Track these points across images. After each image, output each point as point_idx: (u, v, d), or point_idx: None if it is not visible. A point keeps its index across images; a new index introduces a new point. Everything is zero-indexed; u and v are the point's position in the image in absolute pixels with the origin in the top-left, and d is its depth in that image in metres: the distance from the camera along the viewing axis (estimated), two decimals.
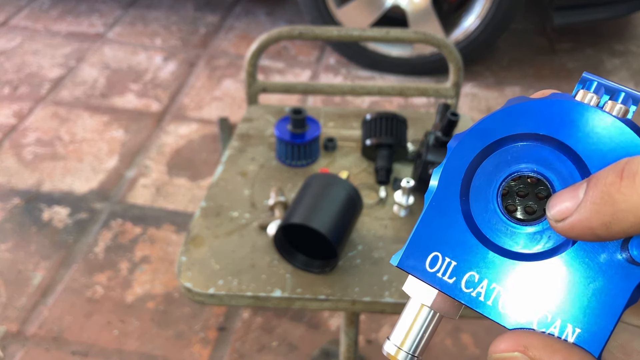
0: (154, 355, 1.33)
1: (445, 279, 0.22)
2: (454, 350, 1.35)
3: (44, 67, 2.24)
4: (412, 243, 0.23)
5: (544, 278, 0.21)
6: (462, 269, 0.22)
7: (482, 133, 0.23)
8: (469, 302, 0.22)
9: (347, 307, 0.81)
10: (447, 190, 0.23)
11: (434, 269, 0.22)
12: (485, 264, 0.22)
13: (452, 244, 0.22)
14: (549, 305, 0.20)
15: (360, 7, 2.14)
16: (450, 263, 0.22)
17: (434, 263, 0.22)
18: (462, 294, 0.22)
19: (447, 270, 0.22)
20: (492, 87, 2.22)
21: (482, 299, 0.21)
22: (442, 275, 0.22)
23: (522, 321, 0.21)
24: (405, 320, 0.23)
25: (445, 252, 0.22)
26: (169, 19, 2.56)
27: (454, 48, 1.12)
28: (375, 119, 1.02)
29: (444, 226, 0.22)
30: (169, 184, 1.75)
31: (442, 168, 0.23)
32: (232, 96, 2.12)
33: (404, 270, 0.23)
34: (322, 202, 0.83)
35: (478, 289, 0.22)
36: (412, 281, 0.23)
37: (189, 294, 0.82)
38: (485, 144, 0.23)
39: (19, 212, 1.65)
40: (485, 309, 0.22)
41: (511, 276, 0.21)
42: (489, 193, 0.22)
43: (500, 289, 0.21)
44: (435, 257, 0.22)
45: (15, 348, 1.33)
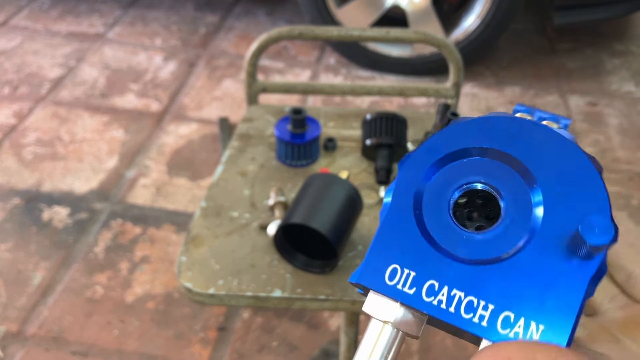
0: (154, 355, 1.33)
1: (406, 290, 0.22)
2: (454, 350, 1.35)
3: (44, 67, 2.24)
4: (370, 258, 0.23)
5: (502, 280, 0.21)
6: (422, 278, 0.22)
7: (430, 151, 0.24)
8: (431, 310, 0.22)
9: (347, 307, 0.81)
10: (401, 206, 0.23)
11: (394, 282, 0.22)
12: (443, 272, 0.22)
13: (409, 255, 0.22)
14: (511, 306, 0.21)
15: (360, 7, 2.14)
16: (409, 274, 0.22)
17: (393, 276, 0.22)
18: (424, 303, 0.22)
19: (407, 281, 0.22)
20: (492, 87, 2.22)
21: (444, 307, 0.21)
22: (402, 287, 0.22)
23: (485, 324, 0.21)
24: (367, 343, 0.22)
25: (403, 264, 0.22)
26: (169, 19, 2.56)
27: (454, 48, 1.12)
28: (375, 119, 1.02)
29: (400, 239, 0.23)
30: (169, 184, 1.75)
31: (395, 185, 0.24)
32: (232, 96, 2.12)
33: (363, 286, 0.23)
34: (322, 202, 0.83)
35: (439, 297, 0.22)
36: (372, 299, 0.23)
37: (189, 294, 0.82)
38: (433, 160, 0.23)
39: (19, 212, 1.65)
40: (448, 315, 0.21)
41: (470, 281, 0.21)
42: (441, 205, 0.23)
43: (461, 294, 0.21)
44: (394, 269, 0.22)
45: (15, 348, 1.33)
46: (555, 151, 0.21)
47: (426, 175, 0.24)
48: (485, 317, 0.21)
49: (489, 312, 0.21)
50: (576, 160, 0.21)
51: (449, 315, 0.21)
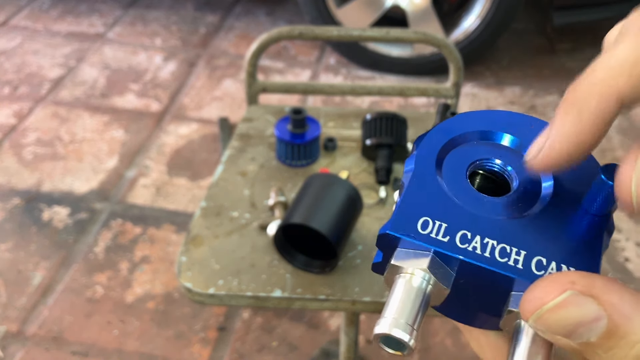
0: (154, 355, 1.33)
1: (440, 238, 0.22)
2: (454, 350, 1.35)
3: (44, 67, 2.24)
4: (400, 211, 0.23)
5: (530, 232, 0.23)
6: (454, 228, 0.23)
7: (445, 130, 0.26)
8: (466, 255, 0.22)
9: (347, 307, 0.81)
10: (425, 169, 0.24)
11: (427, 231, 0.23)
12: (475, 223, 0.23)
13: (439, 210, 0.23)
14: (541, 252, 0.22)
15: (360, 7, 2.14)
16: (441, 225, 0.23)
17: (425, 226, 0.23)
18: (459, 249, 0.22)
19: (439, 230, 0.23)
20: (492, 87, 2.22)
21: (479, 252, 0.22)
22: (436, 235, 0.23)
23: (520, 266, 0.22)
24: (397, 295, 0.22)
25: (434, 217, 0.23)
26: (169, 19, 2.56)
27: (454, 48, 1.12)
28: (375, 119, 1.02)
29: (428, 196, 0.23)
30: (169, 184, 1.75)
31: (416, 154, 0.25)
32: (232, 96, 2.12)
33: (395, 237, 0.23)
34: (322, 202, 0.83)
35: (473, 244, 0.22)
36: (401, 253, 0.23)
37: (189, 294, 0.82)
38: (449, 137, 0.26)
39: (19, 212, 1.65)
40: (484, 260, 0.22)
41: (501, 232, 0.23)
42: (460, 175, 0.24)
43: (494, 242, 0.22)
44: (426, 221, 0.23)
45: (15, 348, 1.33)
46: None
47: (443, 148, 0.25)
48: (520, 260, 0.22)
49: (522, 256, 0.22)
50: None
51: (484, 259, 0.22)
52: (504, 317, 0.22)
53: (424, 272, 0.22)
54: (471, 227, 0.23)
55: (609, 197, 0.22)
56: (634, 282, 1.52)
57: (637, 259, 1.58)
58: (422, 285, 0.22)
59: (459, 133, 0.26)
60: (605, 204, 0.22)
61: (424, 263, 0.22)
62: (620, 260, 1.58)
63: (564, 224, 0.23)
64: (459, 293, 0.23)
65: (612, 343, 0.18)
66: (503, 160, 0.25)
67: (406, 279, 0.22)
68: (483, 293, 0.23)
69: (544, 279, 0.20)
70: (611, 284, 0.19)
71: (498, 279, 0.22)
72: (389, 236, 0.23)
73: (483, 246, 0.22)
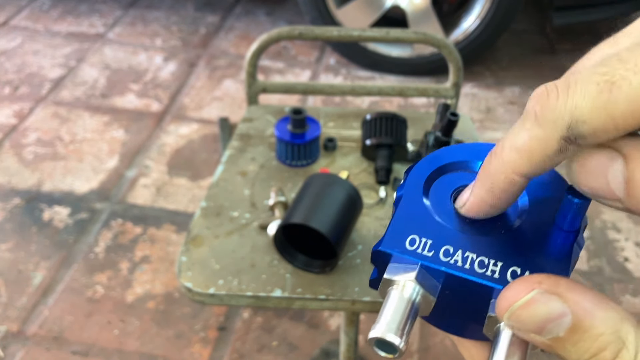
0: (154, 355, 1.33)
1: (425, 253, 0.25)
2: (454, 350, 1.36)
3: (44, 67, 2.24)
4: (391, 231, 0.27)
5: (506, 246, 0.25)
6: (438, 244, 0.26)
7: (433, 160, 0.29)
8: (449, 267, 0.25)
9: (347, 307, 0.82)
10: (414, 194, 0.28)
11: (414, 247, 0.26)
12: (456, 239, 0.26)
13: (425, 229, 0.26)
14: (516, 263, 0.25)
15: (360, 7, 2.14)
16: (427, 241, 0.26)
17: (412, 243, 0.26)
18: (442, 262, 0.25)
19: (425, 246, 0.26)
20: (492, 87, 2.22)
21: (460, 264, 0.25)
22: (422, 251, 0.25)
23: (497, 276, 0.24)
24: (390, 304, 0.25)
25: (421, 234, 0.26)
26: (169, 19, 2.56)
27: (454, 48, 1.12)
28: (375, 119, 1.02)
29: (416, 217, 0.27)
30: (169, 184, 1.76)
31: (406, 182, 0.28)
32: (232, 96, 2.12)
33: (386, 254, 0.26)
34: (322, 202, 0.83)
35: (455, 257, 0.25)
36: (392, 268, 0.26)
37: (189, 294, 0.82)
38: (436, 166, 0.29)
39: (20, 212, 1.65)
40: (464, 271, 0.25)
41: (479, 246, 0.25)
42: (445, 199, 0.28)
43: (473, 255, 0.25)
44: (413, 238, 0.26)
45: (15, 348, 1.33)
46: None
47: (431, 175, 0.29)
48: (497, 271, 0.25)
49: (499, 267, 0.25)
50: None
51: (464, 270, 0.25)
52: (486, 323, 0.24)
53: (412, 283, 0.25)
54: (453, 242, 0.26)
55: (577, 215, 0.25)
56: (633, 282, 1.53)
57: (637, 259, 1.58)
58: (412, 296, 0.25)
59: (445, 162, 0.29)
60: (574, 221, 0.25)
61: (412, 275, 0.25)
62: (620, 260, 1.58)
63: (537, 238, 0.26)
64: (446, 303, 0.26)
65: (578, 337, 0.20)
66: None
67: (397, 290, 0.25)
68: (467, 302, 0.26)
69: (515, 281, 0.22)
70: (574, 284, 0.21)
71: (478, 288, 0.25)
72: (380, 253, 0.26)
73: (464, 259, 0.25)
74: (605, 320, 0.20)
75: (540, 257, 0.25)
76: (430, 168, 0.29)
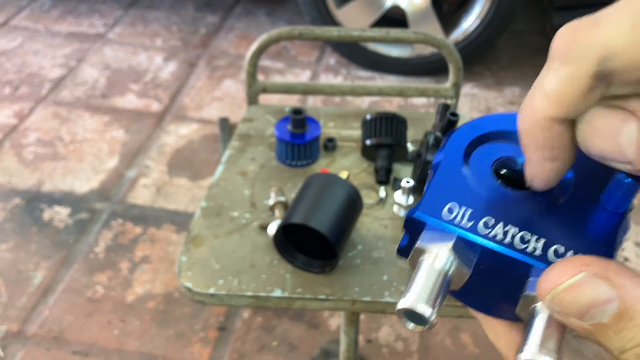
0: (154, 355, 1.33)
1: (464, 223, 0.24)
2: (454, 350, 1.36)
3: (44, 67, 2.24)
4: (428, 196, 0.25)
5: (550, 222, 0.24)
6: (479, 214, 0.24)
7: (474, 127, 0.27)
8: (489, 241, 0.23)
9: (347, 307, 0.82)
10: (453, 160, 0.26)
11: (452, 215, 0.24)
12: (498, 210, 0.24)
13: (465, 197, 0.24)
14: (559, 241, 0.23)
15: (360, 7, 2.15)
16: (467, 210, 0.24)
17: (451, 211, 0.24)
18: (481, 234, 0.23)
19: (464, 216, 0.24)
20: (492, 88, 2.22)
21: (501, 238, 0.23)
22: (460, 220, 0.24)
23: (538, 253, 0.23)
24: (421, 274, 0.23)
25: (461, 202, 0.24)
26: (169, 20, 2.56)
27: (454, 48, 1.12)
28: (375, 119, 1.02)
29: (455, 184, 0.25)
30: (169, 184, 1.76)
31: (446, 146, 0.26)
32: (232, 96, 2.12)
33: (422, 221, 0.24)
34: (322, 202, 0.83)
35: (495, 230, 0.23)
36: (427, 235, 0.24)
37: (189, 294, 0.82)
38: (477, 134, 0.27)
39: (20, 212, 1.65)
40: (505, 246, 0.23)
41: (522, 220, 0.24)
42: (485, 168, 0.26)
43: (515, 229, 0.23)
44: (452, 206, 0.24)
45: (15, 348, 1.33)
46: None
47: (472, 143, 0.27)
48: (539, 247, 0.23)
49: (542, 244, 0.23)
50: None
51: (505, 245, 0.23)
52: (521, 302, 0.23)
53: (447, 254, 0.23)
54: (495, 214, 0.24)
55: (626, 196, 0.23)
56: None
57: (637, 259, 1.58)
58: (445, 267, 0.23)
59: (488, 131, 0.27)
60: (622, 202, 0.23)
61: (448, 246, 0.23)
62: (620, 260, 1.58)
63: (583, 217, 0.24)
64: (479, 279, 0.24)
65: (623, 324, 0.19)
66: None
67: (430, 260, 0.23)
68: (502, 279, 0.24)
69: (560, 261, 0.21)
70: (624, 269, 0.20)
71: (517, 265, 0.23)
72: (415, 220, 0.24)
73: (504, 233, 0.23)
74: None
75: (584, 237, 0.23)
76: (471, 135, 0.27)
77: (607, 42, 0.19)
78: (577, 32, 0.20)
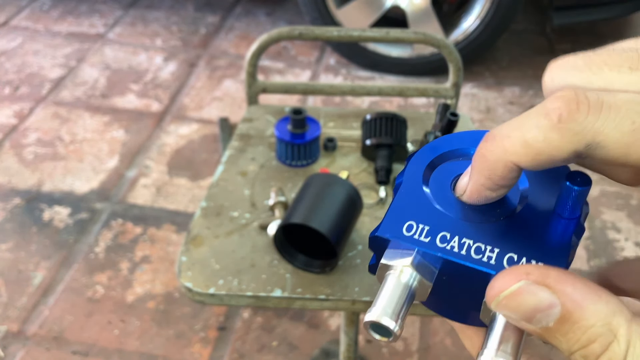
0: (154, 355, 1.33)
1: (422, 239, 0.25)
2: (454, 350, 1.36)
3: (44, 67, 2.24)
4: (388, 216, 0.27)
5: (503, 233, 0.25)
6: (435, 230, 0.26)
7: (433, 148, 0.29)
8: (445, 253, 0.25)
9: (347, 307, 0.82)
10: (413, 181, 0.28)
11: (411, 233, 0.26)
12: (453, 226, 0.26)
13: (423, 215, 0.26)
14: (513, 250, 0.25)
15: (360, 7, 2.15)
16: (424, 228, 0.26)
17: (410, 229, 0.26)
18: (439, 248, 0.25)
19: (422, 232, 0.26)
20: (492, 88, 2.22)
21: (457, 250, 0.25)
22: (418, 237, 0.25)
23: (493, 262, 0.24)
24: (386, 289, 0.25)
25: (418, 220, 0.26)
26: (169, 20, 2.56)
27: (454, 48, 1.12)
28: (375, 119, 1.02)
29: (414, 203, 0.27)
30: (169, 184, 1.76)
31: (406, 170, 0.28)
32: (232, 96, 2.12)
33: (383, 239, 0.26)
34: (322, 202, 0.83)
35: (451, 244, 0.25)
36: (390, 253, 0.26)
37: (189, 294, 0.82)
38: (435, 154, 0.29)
39: (20, 212, 1.65)
40: (460, 257, 0.25)
41: (476, 233, 0.25)
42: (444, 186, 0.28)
43: (470, 241, 0.25)
44: (410, 224, 0.26)
45: (15, 348, 1.33)
46: None
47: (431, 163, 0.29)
48: (493, 257, 0.24)
49: (496, 254, 0.25)
50: None
51: (460, 257, 0.25)
52: (482, 309, 0.24)
53: (409, 268, 0.25)
54: (450, 229, 0.26)
55: (577, 202, 0.25)
56: None
57: None
58: (408, 281, 0.25)
59: (445, 150, 0.29)
60: (574, 209, 0.25)
61: (408, 260, 0.25)
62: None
63: (537, 225, 0.25)
64: (444, 289, 0.26)
65: (567, 328, 0.20)
66: None
67: (394, 275, 0.25)
68: (464, 288, 0.25)
69: (503, 271, 0.22)
70: (565, 275, 0.21)
71: (474, 274, 0.25)
72: (377, 238, 0.26)
73: (460, 245, 0.25)
74: (595, 312, 0.20)
75: (538, 245, 0.25)
76: (430, 156, 0.29)
77: (601, 134, 0.20)
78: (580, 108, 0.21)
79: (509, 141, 0.22)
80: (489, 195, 0.25)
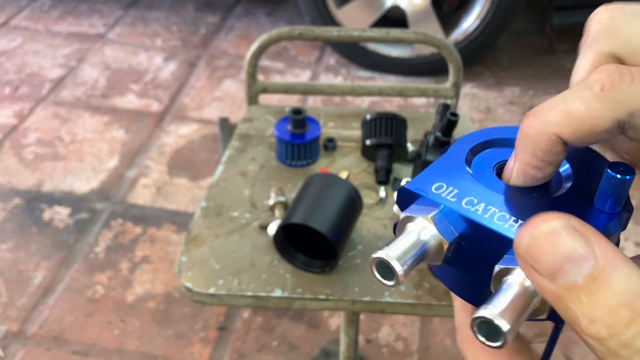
0: (154, 355, 1.33)
1: (448, 198, 0.25)
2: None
3: (44, 67, 2.24)
4: (421, 175, 0.27)
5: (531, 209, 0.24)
6: (463, 194, 0.26)
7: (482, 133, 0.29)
8: (467, 213, 0.25)
9: (347, 306, 0.82)
10: (455, 155, 0.28)
11: (439, 192, 0.26)
12: (483, 193, 0.26)
13: (456, 180, 0.26)
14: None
15: (360, 7, 2.15)
16: (453, 189, 0.26)
17: (439, 188, 0.26)
18: (462, 207, 0.25)
19: (450, 193, 0.26)
20: (492, 88, 2.22)
21: (480, 213, 0.25)
22: (445, 195, 0.26)
23: (514, 230, 0.24)
24: (401, 236, 0.25)
25: (449, 183, 0.26)
26: (169, 20, 2.56)
27: (454, 48, 1.12)
28: (375, 119, 1.02)
29: (450, 170, 0.27)
30: (169, 184, 1.76)
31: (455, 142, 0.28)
32: (232, 96, 2.12)
33: (411, 192, 0.26)
34: (322, 202, 0.83)
35: (476, 207, 0.25)
36: (414, 207, 0.26)
37: (189, 294, 0.82)
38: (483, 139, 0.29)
39: (20, 212, 1.65)
40: (482, 219, 0.24)
41: (505, 203, 0.25)
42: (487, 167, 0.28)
43: (495, 209, 0.25)
44: (440, 185, 0.26)
45: (16, 348, 1.33)
46: None
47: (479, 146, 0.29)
48: (515, 226, 0.24)
49: (518, 224, 0.24)
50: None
51: (482, 219, 0.24)
52: (494, 276, 0.23)
53: (429, 223, 0.25)
54: (479, 196, 0.26)
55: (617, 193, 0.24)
56: None
57: None
58: (425, 236, 0.25)
59: (494, 137, 0.29)
60: (614, 201, 0.24)
61: (431, 214, 0.25)
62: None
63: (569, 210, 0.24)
64: (459, 257, 0.26)
65: (596, 287, 0.18)
66: None
67: (413, 226, 0.25)
68: (480, 257, 0.25)
69: (542, 213, 0.21)
70: (602, 235, 0.20)
71: (493, 239, 0.24)
72: (405, 191, 0.26)
73: (485, 210, 0.25)
74: (628, 275, 0.18)
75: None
76: (479, 139, 0.29)
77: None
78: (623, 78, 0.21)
79: (551, 113, 0.22)
80: (535, 174, 0.24)
